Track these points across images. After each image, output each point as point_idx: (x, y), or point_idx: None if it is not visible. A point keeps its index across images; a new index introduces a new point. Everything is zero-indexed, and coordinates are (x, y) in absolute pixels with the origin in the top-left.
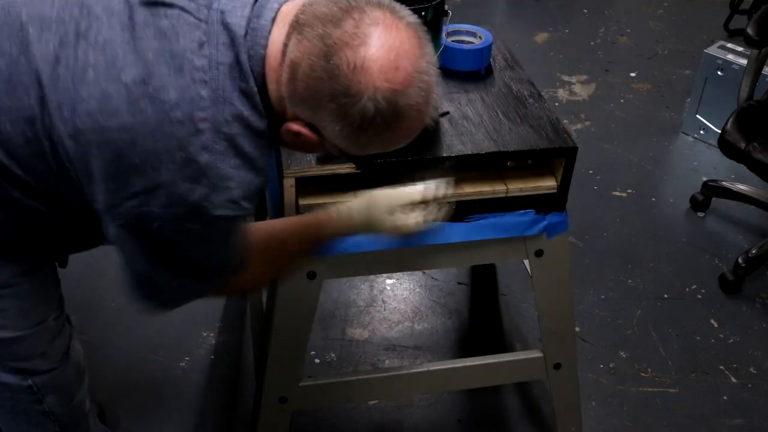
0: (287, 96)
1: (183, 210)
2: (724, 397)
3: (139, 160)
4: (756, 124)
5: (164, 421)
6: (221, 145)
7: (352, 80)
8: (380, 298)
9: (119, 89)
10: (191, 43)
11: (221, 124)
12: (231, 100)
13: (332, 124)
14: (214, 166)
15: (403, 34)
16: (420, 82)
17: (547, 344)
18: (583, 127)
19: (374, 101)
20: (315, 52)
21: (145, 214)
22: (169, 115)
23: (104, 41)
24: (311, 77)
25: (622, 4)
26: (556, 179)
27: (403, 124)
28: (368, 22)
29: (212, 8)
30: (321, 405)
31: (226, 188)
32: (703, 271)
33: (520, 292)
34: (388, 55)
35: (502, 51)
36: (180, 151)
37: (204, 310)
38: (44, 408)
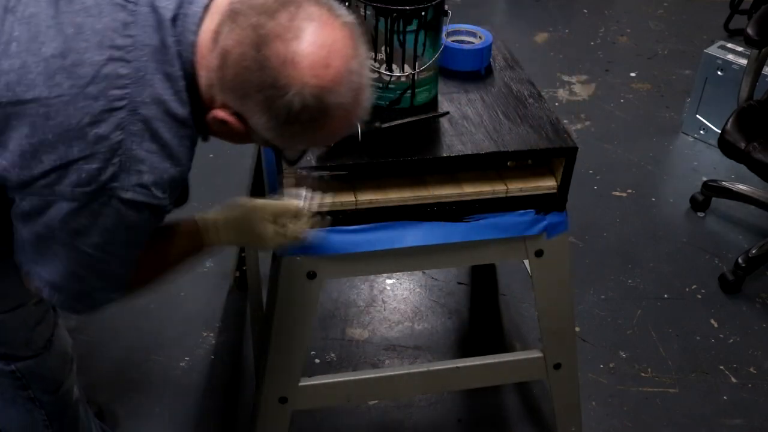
0: (216, 83)
1: (91, 189)
2: (724, 397)
3: (51, 135)
4: (756, 124)
5: (164, 421)
6: (137, 126)
7: (280, 73)
8: (380, 298)
9: (38, 62)
10: (114, 22)
11: (138, 105)
12: (152, 83)
13: (259, 116)
14: (127, 147)
15: (338, 32)
16: (350, 82)
17: (547, 344)
18: (583, 127)
19: (301, 96)
20: (246, 41)
21: (56, 192)
22: (84, 91)
23: (30, 15)
24: (240, 66)
25: (622, 4)
26: (556, 179)
27: (330, 123)
28: (303, 17)
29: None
30: (321, 405)
31: (138, 171)
32: (703, 271)
33: (520, 292)
34: (320, 51)
35: (502, 51)
36: (93, 128)
37: (204, 310)
38: (30, 394)
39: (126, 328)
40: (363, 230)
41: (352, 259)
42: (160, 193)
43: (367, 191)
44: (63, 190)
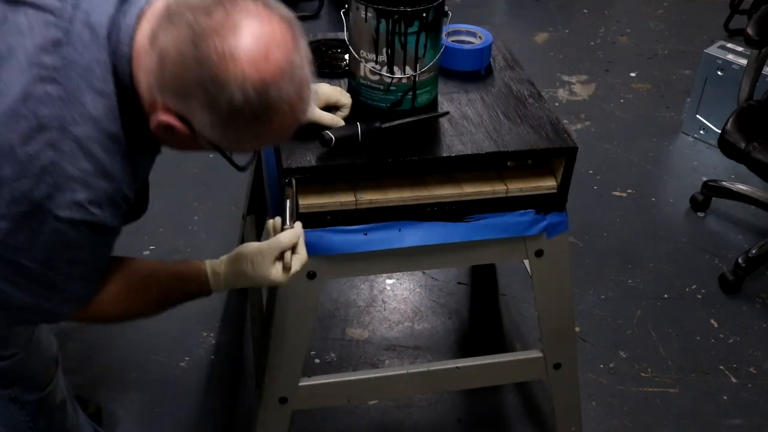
0: (155, 84)
1: (26, 208)
2: (724, 397)
3: None
4: (756, 124)
5: (164, 421)
6: (68, 146)
7: (220, 68)
8: (380, 298)
9: None
10: (44, 41)
11: (69, 123)
12: (82, 100)
13: (201, 115)
14: (59, 166)
15: (276, 26)
16: (292, 76)
17: (547, 344)
18: (583, 127)
19: (243, 90)
20: (183, 39)
21: None
22: (12, 110)
23: None
24: (179, 65)
25: (622, 4)
26: (556, 179)
27: (275, 119)
28: (239, 12)
29: (79, 8)
30: (321, 405)
31: (71, 189)
32: (703, 271)
33: (520, 292)
34: (259, 45)
35: (502, 51)
36: (23, 147)
37: (204, 310)
38: (11, 394)
39: (126, 328)
40: (363, 230)
41: (352, 259)
42: (97, 210)
43: (367, 191)
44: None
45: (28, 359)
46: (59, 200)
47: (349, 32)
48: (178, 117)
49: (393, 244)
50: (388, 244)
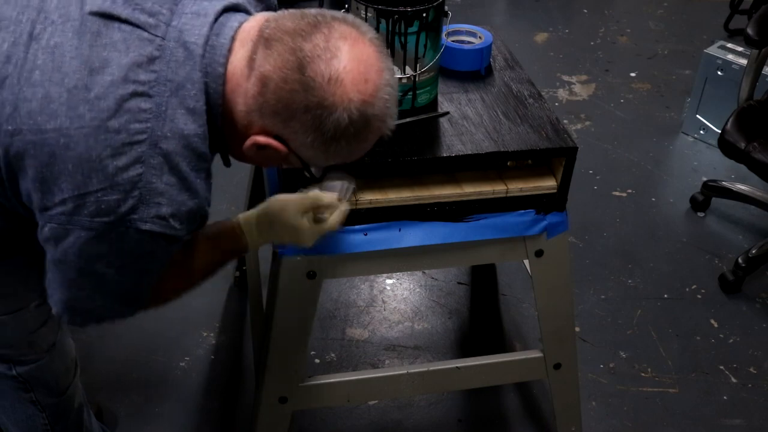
0: (256, 109)
1: (111, 219)
2: (724, 397)
3: (71, 166)
4: (756, 124)
5: (164, 421)
6: (157, 160)
7: (327, 92)
8: (380, 298)
9: (61, 92)
10: (140, 57)
11: (159, 139)
12: (173, 117)
13: (304, 136)
14: (147, 180)
15: (369, 47)
16: (385, 94)
17: (547, 344)
18: (583, 127)
19: (348, 112)
20: (287, 65)
21: (74, 222)
22: (106, 124)
23: (54, 45)
24: (285, 90)
25: (622, 4)
26: (556, 179)
27: (368, 135)
28: (337, 37)
29: (171, 25)
30: (321, 405)
31: (156, 204)
32: (703, 271)
33: (520, 292)
34: (359, 67)
35: (502, 51)
36: (113, 160)
37: (204, 310)
38: (32, 397)
39: (126, 328)
40: (363, 230)
41: (352, 259)
42: (177, 225)
43: (367, 191)
44: (81, 220)
45: (52, 363)
46: (143, 214)
47: None
48: (275, 137)
49: (393, 244)
50: (388, 244)
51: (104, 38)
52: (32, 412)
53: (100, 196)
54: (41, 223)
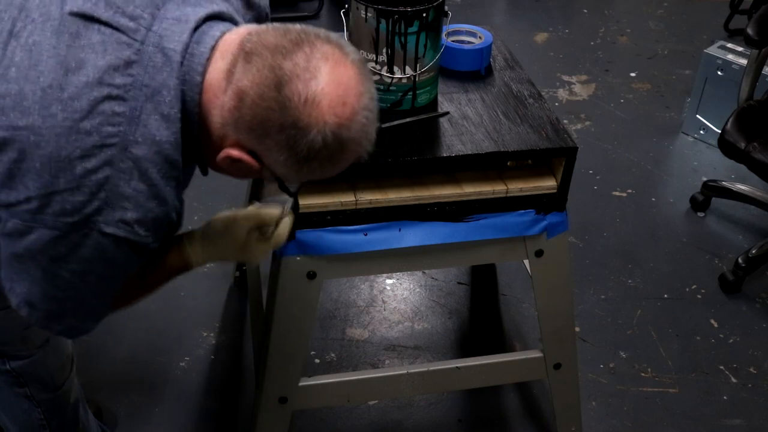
0: (231, 122)
1: (75, 220)
2: (724, 397)
3: (39, 164)
4: (756, 124)
5: (164, 421)
6: (126, 165)
7: (302, 113)
8: (380, 298)
9: (35, 90)
10: (117, 60)
11: (130, 143)
12: (146, 123)
13: (277, 154)
14: (114, 183)
15: (350, 70)
16: (363, 118)
17: (547, 344)
18: (583, 127)
19: (323, 134)
20: (265, 81)
21: (38, 220)
22: (78, 125)
23: (33, 43)
24: (260, 107)
25: (622, 4)
26: (556, 179)
27: (343, 157)
28: (318, 57)
29: (151, 30)
30: (321, 405)
31: (122, 207)
32: (703, 271)
33: (520, 292)
34: (337, 90)
35: (502, 51)
36: (82, 162)
37: (204, 310)
38: (27, 392)
39: (126, 328)
40: (363, 230)
41: (352, 259)
42: (142, 231)
43: (367, 191)
44: (45, 219)
45: (46, 359)
46: (108, 217)
47: (349, 32)
48: (249, 152)
49: (393, 244)
50: (388, 244)
51: (82, 39)
52: (27, 407)
53: (66, 197)
54: (3, 218)
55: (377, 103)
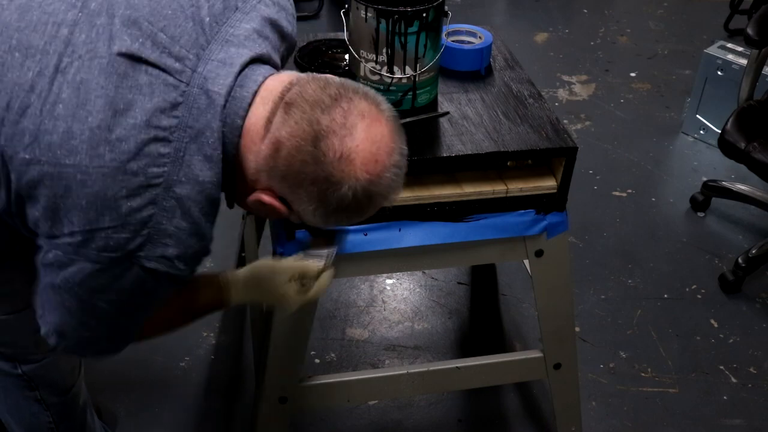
0: (265, 170)
1: (116, 256)
2: (724, 397)
3: (85, 202)
4: (756, 124)
5: (164, 421)
6: (169, 203)
7: (335, 168)
8: (380, 298)
9: (83, 130)
10: (164, 102)
11: (174, 183)
12: (190, 163)
13: (307, 204)
14: (158, 222)
15: (384, 127)
16: (392, 174)
17: (547, 344)
18: (583, 127)
19: (353, 190)
20: (303, 135)
21: (80, 254)
22: (125, 166)
23: (80, 81)
24: (296, 159)
25: (622, 4)
26: (556, 179)
27: (370, 208)
28: (355, 114)
29: (196, 71)
30: (321, 405)
31: (163, 244)
32: (703, 271)
33: (520, 292)
34: (371, 147)
35: (502, 51)
36: (127, 201)
37: None
38: (37, 396)
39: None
40: (363, 230)
41: (352, 259)
42: (182, 266)
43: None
44: (88, 253)
45: (58, 363)
46: (150, 253)
47: (349, 32)
48: (280, 198)
49: (393, 244)
50: (388, 244)
51: (130, 80)
52: (36, 410)
53: (111, 233)
54: (45, 248)
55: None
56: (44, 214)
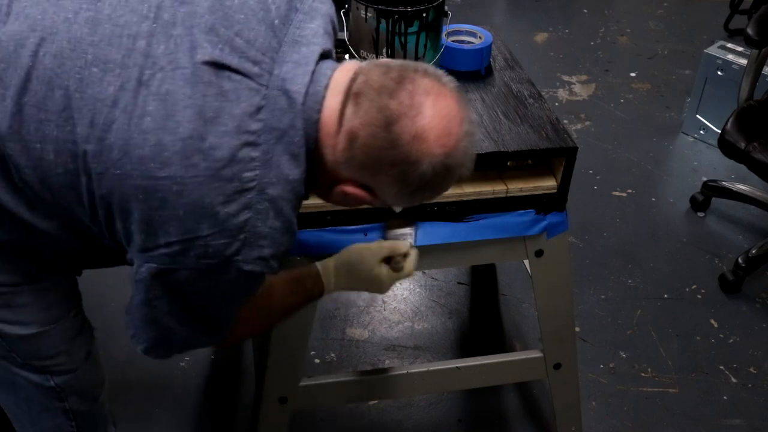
0: (343, 162)
1: (215, 262)
2: (724, 397)
3: (182, 212)
4: (756, 124)
5: (164, 421)
6: (263, 206)
7: (412, 148)
8: (380, 298)
9: (174, 141)
10: (249, 107)
11: (266, 185)
12: (279, 164)
13: (389, 187)
14: (253, 225)
15: (450, 99)
16: (466, 143)
17: (547, 344)
18: (583, 127)
19: (432, 165)
20: (374, 122)
21: (178, 262)
22: (219, 173)
23: (166, 92)
24: (372, 146)
25: (622, 4)
26: (556, 179)
27: (450, 180)
28: (421, 93)
29: (273, 74)
30: (321, 405)
31: (259, 246)
32: (703, 271)
33: (520, 292)
34: (441, 122)
35: (502, 51)
36: (224, 207)
37: None
38: (65, 406)
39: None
40: (363, 230)
41: None
42: (275, 264)
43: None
44: (186, 261)
45: (89, 372)
46: (247, 256)
47: (349, 32)
48: (362, 186)
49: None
50: None
51: (215, 87)
52: (60, 422)
53: (209, 241)
54: (138, 263)
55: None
56: (138, 227)
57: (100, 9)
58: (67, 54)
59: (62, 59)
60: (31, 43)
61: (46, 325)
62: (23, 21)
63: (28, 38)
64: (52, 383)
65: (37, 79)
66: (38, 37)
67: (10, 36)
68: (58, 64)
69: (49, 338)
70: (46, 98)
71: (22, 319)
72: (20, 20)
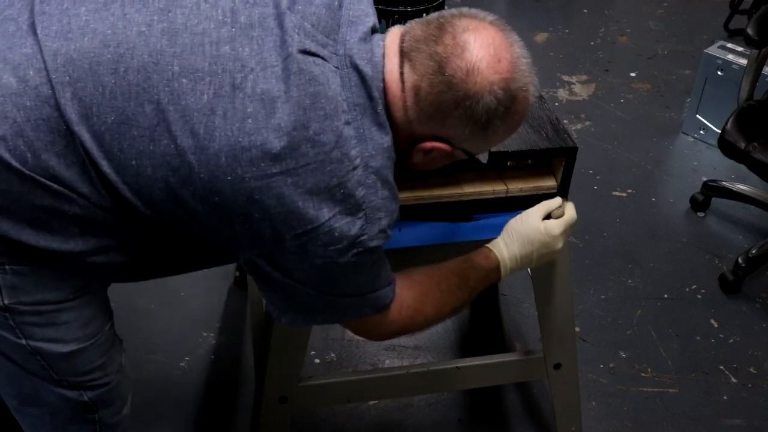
0: (415, 119)
1: (343, 245)
2: (724, 397)
3: (301, 202)
4: (756, 124)
5: (164, 421)
6: (371, 179)
7: (469, 83)
8: None
9: (280, 137)
10: (337, 87)
11: (368, 158)
12: (371, 136)
13: (461, 129)
14: (369, 199)
15: (491, 30)
16: (521, 65)
17: (547, 344)
18: (583, 127)
19: (494, 94)
20: (429, 70)
21: (308, 251)
22: (329, 156)
23: (261, 92)
24: (433, 93)
25: (622, 4)
26: (556, 179)
27: (519, 106)
28: (461, 31)
29: (339, 54)
30: (321, 405)
31: (378, 219)
32: (703, 271)
33: (520, 292)
34: (489, 51)
35: None
36: (339, 189)
37: (204, 310)
38: (95, 418)
39: (126, 328)
40: None
41: None
42: (391, 232)
43: None
44: (315, 250)
45: (120, 385)
46: (370, 232)
47: None
48: (437, 139)
49: (393, 244)
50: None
51: (306, 75)
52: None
53: (332, 224)
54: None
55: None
56: (265, 224)
57: (173, 19)
58: (151, 68)
59: (147, 73)
60: (107, 60)
61: (85, 342)
62: (92, 37)
63: (103, 55)
64: (86, 398)
65: (122, 96)
66: (114, 53)
67: (83, 54)
68: (144, 79)
69: (86, 354)
70: (136, 114)
71: (63, 337)
72: (89, 36)
